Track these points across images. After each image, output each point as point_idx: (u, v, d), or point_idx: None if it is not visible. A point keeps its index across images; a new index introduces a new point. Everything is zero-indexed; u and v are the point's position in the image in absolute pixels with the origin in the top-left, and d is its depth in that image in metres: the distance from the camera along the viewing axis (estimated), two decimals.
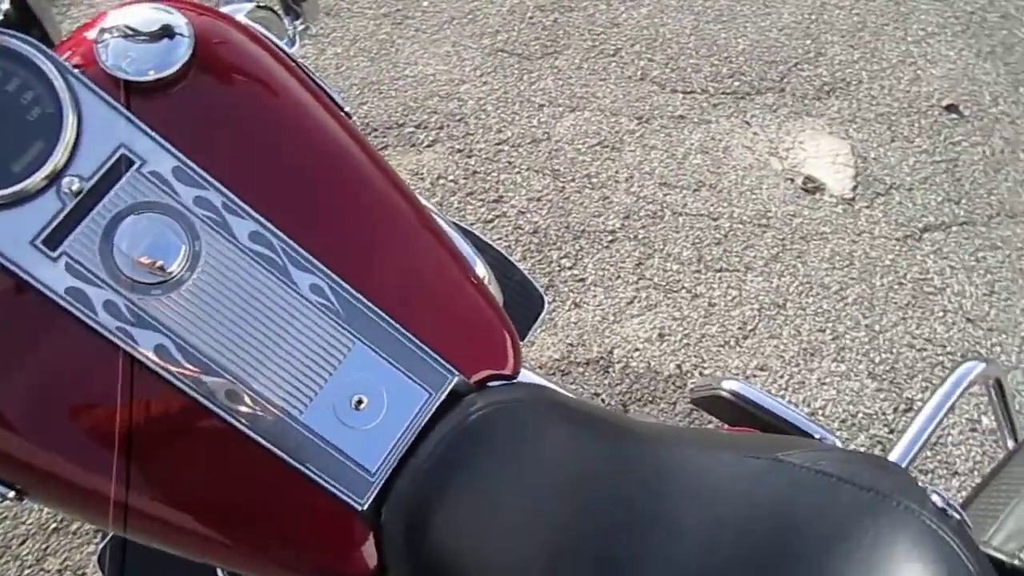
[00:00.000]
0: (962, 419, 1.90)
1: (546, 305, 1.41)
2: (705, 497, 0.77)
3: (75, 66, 0.64)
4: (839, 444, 0.95)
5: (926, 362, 1.99)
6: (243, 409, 0.66)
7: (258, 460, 0.67)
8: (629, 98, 2.41)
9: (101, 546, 1.01)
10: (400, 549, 0.71)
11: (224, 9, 0.80)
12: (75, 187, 0.62)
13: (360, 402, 0.70)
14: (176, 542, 0.71)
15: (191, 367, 0.64)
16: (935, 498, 0.75)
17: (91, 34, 0.66)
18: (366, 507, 0.70)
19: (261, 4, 0.89)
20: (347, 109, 0.80)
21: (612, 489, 0.78)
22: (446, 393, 0.73)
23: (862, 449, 1.79)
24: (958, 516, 0.74)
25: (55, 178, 0.62)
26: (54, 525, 1.56)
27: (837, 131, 2.45)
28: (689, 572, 0.73)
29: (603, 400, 1.83)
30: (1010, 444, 1.07)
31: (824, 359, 1.96)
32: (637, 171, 2.25)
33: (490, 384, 0.77)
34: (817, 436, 1.00)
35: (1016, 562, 0.81)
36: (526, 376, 0.83)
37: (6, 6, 0.75)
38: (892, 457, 0.96)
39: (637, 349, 1.91)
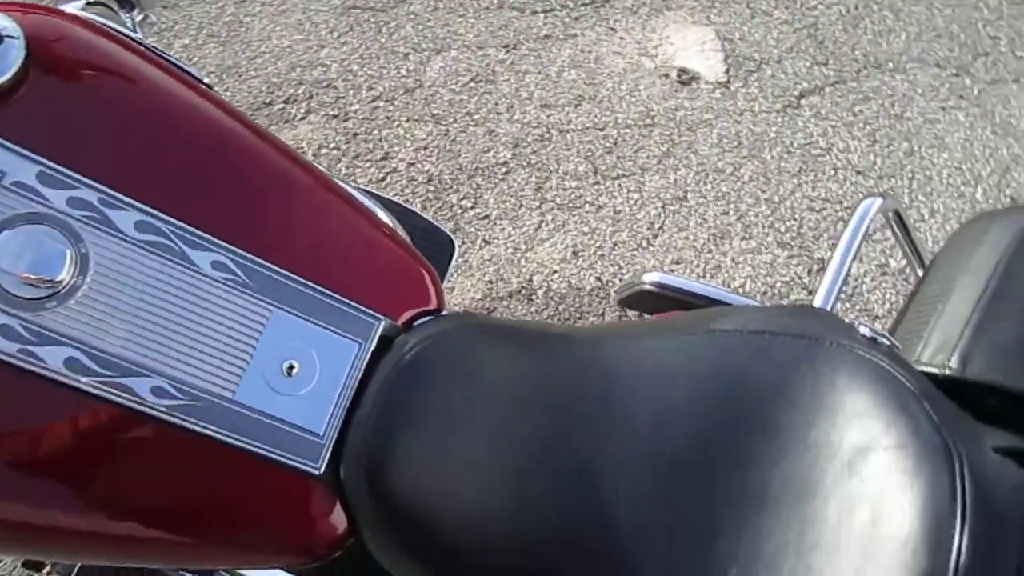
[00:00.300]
0: (872, 266, 1.98)
1: (456, 247, 1.40)
2: (649, 385, 0.78)
3: None
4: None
5: (828, 221, 2.06)
6: (173, 403, 0.63)
7: (201, 450, 0.65)
8: (492, 28, 2.39)
9: None
10: (366, 502, 0.71)
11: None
12: None
13: (291, 368, 0.68)
14: (142, 554, 0.69)
15: (108, 373, 0.61)
16: (863, 330, 0.78)
17: None
18: (323, 470, 0.69)
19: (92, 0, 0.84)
20: (206, 81, 0.77)
21: (557, 399, 0.78)
22: (376, 340, 0.73)
23: None
24: (887, 341, 0.77)
25: None
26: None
27: (699, 19, 2.47)
28: (646, 464, 0.74)
29: None
30: (919, 271, 1.12)
31: (734, 239, 2.01)
32: (516, 99, 2.23)
33: (417, 322, 0.77)
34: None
35: (947, 371, 0.84)
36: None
37: None
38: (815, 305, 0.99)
39: (555, 271, 1.92)
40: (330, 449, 0.69)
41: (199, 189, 0.67)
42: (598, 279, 1.91)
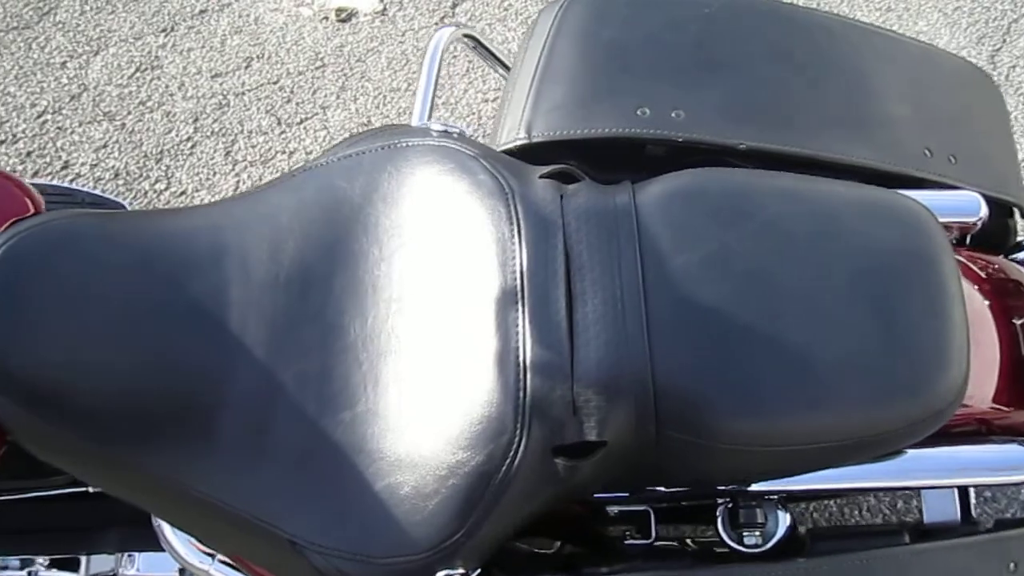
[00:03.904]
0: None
1: (127, 208, 1.43)
2: (260, 227, 0.87)
3: None
4: None
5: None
6: None
7: None
8: (145, 17, 2.38)
9: None
10: (6, 405, 0.75)
11: None
12: None
13: None
14: None
15: None
16: (435, 127, 0.92)
17: None
18: None
19: None
20: None
21: (168, 261, 0.85)
22: None
23: None
24: (458, 130, 0.92)
25: None
26: None
27: None
28: (267, 290, 0.83)
29: None
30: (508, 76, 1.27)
31: None
32: (185, 77, 2.25)
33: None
34: None
35: (518, 142, 0.99)
36: None
37: None
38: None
39: None
40: None
41: None
42: None
